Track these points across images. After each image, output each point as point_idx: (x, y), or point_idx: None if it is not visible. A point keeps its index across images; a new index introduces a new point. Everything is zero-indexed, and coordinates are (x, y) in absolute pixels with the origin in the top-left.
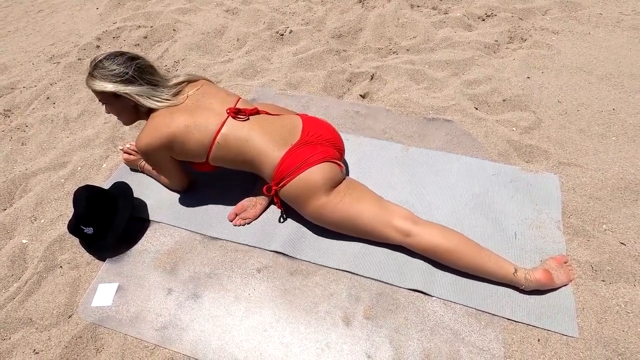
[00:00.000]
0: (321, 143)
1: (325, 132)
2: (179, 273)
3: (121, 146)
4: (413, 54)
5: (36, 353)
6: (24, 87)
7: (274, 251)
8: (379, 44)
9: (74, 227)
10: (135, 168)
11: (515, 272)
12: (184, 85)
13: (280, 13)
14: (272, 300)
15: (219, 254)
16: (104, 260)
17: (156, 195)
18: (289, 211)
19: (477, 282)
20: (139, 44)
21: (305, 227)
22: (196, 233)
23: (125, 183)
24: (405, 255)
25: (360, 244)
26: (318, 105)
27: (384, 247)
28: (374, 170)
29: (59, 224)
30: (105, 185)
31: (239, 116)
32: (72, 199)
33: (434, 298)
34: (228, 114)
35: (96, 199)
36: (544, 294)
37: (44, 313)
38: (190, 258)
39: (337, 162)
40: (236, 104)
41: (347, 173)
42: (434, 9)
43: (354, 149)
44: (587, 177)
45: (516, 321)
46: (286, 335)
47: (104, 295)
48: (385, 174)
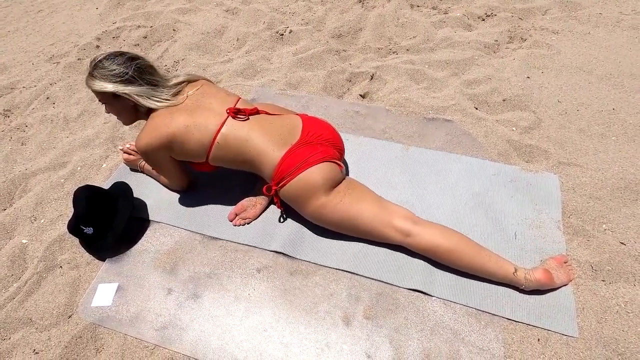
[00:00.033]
0: (321, 143)
1: (325, 132)
2: (178, 273)
3: (121, 146)
4: (413, 53)
5: (36, 353)
6: (23, 87)
7: (274, 251)
8: (378, 43)
9: (73, 227)
10: (135, 168)
11: (515, 272)
12: (184, 85)
13: (280, 13)
14: (272, 300)
15: (218, 254)
16: (104, 260)
17: (156, 195)
18: (288, 211)
19: (477, 282)
20: (138, 44)
21: (305, 227)
22: (196, 233)
23: (125, 183)
24: (405, 255)
25: (360, 244)
26: (318, 105)
27: (384, 247)
28: (373, 170)
29: (59, 224)
30: (105, 185)
31: (239, 116)
32: (72, 199)
33: (434, 298)
34: (228, 114)
35: (96, 199)
36: (544, 293)
37: (44, 313)
38: (190, 258)
39: (337, 162)
40: (236, 104)
41: (347, 173)
42: (433, 8)
43: (354, 148)
44: (587, 177)
45: (516, 321)
46: (286, 335)
47: (103, 295)
48: (385, 174)
